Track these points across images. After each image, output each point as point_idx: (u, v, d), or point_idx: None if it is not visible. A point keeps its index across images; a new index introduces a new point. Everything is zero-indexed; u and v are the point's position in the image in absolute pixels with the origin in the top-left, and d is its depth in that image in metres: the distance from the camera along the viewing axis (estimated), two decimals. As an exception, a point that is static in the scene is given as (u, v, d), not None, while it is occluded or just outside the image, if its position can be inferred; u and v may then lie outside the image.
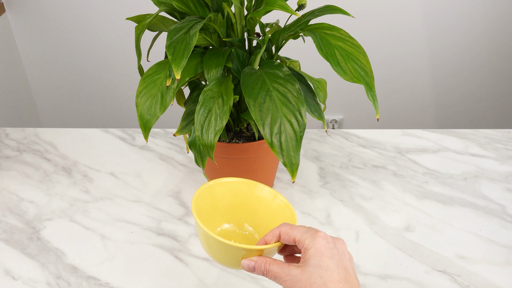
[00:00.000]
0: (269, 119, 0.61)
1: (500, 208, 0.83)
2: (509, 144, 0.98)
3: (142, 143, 0.99)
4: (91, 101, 1.87)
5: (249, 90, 0.62)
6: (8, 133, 1.01)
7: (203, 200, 0.57)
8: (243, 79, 0.64)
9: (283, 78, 0.64)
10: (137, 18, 0.74)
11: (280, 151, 0.60)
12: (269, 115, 0.61)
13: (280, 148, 0.60)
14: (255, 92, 0.62)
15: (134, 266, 0.73)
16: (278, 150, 0.60)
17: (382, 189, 0.87)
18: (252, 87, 0.63)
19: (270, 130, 0.60)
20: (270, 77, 0.64)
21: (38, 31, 1.69)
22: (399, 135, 1.01)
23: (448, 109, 1.89)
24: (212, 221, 0.59)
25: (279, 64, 0.66)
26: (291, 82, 0.63)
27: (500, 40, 1.72)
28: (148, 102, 0.67)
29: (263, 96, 0.62)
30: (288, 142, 0.60)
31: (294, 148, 0.60)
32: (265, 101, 0.62)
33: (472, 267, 0.72)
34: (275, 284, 0.70)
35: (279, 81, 0.63)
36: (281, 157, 0.60)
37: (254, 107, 0.61)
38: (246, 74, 0.65)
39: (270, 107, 0.61)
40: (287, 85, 0.63)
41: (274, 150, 0.60)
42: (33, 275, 0.71)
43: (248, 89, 0.63)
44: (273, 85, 0.63)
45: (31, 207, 0.83)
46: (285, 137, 0.60)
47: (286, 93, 0.62)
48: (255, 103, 0.61)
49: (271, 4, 0.63)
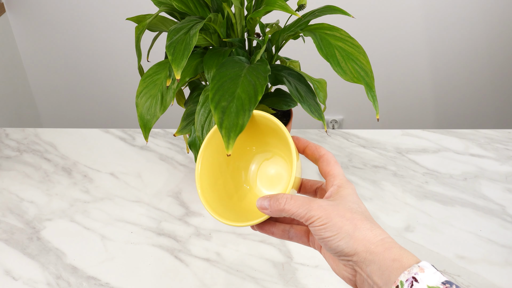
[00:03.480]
0: (223, 93, 0.55)
1: (500, 208, 0.83)
2: (509, 144, 0.98)
3: (142, 143, 0.99)
4: (91, 101, 1.87)
5: (222, 69, 0.58)
6: (8, 133, 1.01)
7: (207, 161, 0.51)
8: (226, 59, 0.62)
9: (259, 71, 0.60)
10: (137, 19, 0.75)
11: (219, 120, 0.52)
12: (226, 91, 0.56)
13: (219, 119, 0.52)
14: (226, 72, 0.58)
15: (134, 266, 0.73)
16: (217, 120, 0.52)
17: (382, 189, 0.87)
18: (228, 68, 0.59)
19: (218, 99, 0.55)
20: (250, 69, 0.61)
21: (38, 31, 1.69)
22: (399, 135, 1.01)
23: (448, 109, 1.89)
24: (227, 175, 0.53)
25: (265, 61, 0.63)
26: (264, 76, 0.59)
27: (500, 40, 1.72)
28: (148, 102, 0.67)
29: (231, 77, 0.58)
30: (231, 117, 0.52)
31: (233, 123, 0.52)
32: (231, 81, 0.57)
33: (472, 267, 0.72)
34: (275, 284, 0.70)
35: (254, 73, 0.60)
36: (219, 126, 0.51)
37: (217, 81, 0.56)
38: (233, 59, 0.63)
39: (230, 86, 0.56)
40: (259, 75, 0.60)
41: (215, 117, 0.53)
42: (33, 275, 0.71)
43: (222, 68, 0.59)
44: (247, 73, 0.60)
45: (31, 207, 0.83)
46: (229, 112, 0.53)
47: (253, 79, 0.58)
48: (220, 80, 0.56)
49: (271, 4, 0.63)
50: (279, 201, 0.44)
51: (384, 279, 0.39)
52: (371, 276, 0.40)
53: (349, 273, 0.43)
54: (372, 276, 0.40)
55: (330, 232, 0.42)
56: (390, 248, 0.41)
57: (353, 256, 0.41)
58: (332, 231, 0.42)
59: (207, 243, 0.77)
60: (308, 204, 0.43)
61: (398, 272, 0.39)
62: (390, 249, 0.41)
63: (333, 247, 0.42)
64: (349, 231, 0.42)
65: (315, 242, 0.48)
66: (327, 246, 0.43)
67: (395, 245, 0.41)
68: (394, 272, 0.39)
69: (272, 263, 0.73)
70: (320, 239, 0.43)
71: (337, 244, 0.42)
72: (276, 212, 0.45)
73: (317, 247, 0.48)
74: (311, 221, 0.43)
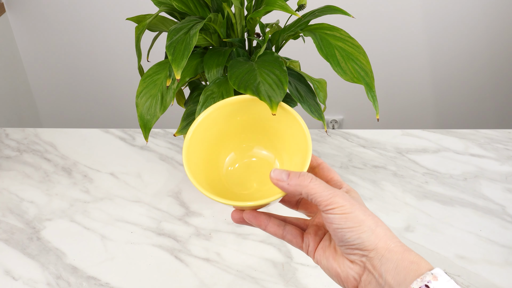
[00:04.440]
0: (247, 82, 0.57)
1: (500, 208, 0.83)
2: (509, 144, 0.98)
3: (142, 143, 0.99)
4: (91, 101, 1.87)
5: (233, 69, 0.60)
6: (8, 133, 1.01)
7: (199, 136, 0.50)
8: (231, 62, 0.63)
9: (271, 62, 0.62)
10: (137, 18, 0.74)
11: (254, 91, 0.54)
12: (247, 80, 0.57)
13: (254, 90, 0.54)
14: (239, 71, 0.60)
15: (134, 266, 0.73)
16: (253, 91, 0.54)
17: (382, 189, 0.87)
18: (238, 67, 0.61)
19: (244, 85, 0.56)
20: (259, 62, 0.63)
21: (38, 31, 1.69)
22: (399, 135, 1.01)
23: (448, 109, 1.89)
24: (216, 154, 0.52)
25: (271, 51, 0.65)
26: (279, 64, 0.61)
27: (500, 40, 1.72)
28: (148, 102, 0.67)
29: (246, 72, 0.59)
30: (268, 90, 0.54)
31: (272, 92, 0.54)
32: (248, 75, 0.58)
33: (472, 267, 0.72)
34: (275, 284, 0.70)
35: (265, 64, 0.62)
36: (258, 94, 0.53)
37: (236, 79, 0.58)
38: (237, 60, 0.64)
39: (250, 77, 0.58)
40: (274, 65, 0.61)
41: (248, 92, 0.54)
42: (33, 275, 0.71)
43: (233, 69, 0.60)
44: (259, 66, 0.61)
45: (31, 207, 0.83)
46: (262, 87, 0.55)
47: (271, 71, 0.60)
48: (237, 77, 0.58)
49: (271, 4, 0.63)
50: (304, 177, 0.42)
51: (398, 280, 0.39)
52: (383, 275, 0.40)
53: (355, 271, 0.42)
54: (385, 275, 0.40)
55: (352, 223, 0.41)
56: (409, 251, 0.40)
57: (371, 252, 0.41)
58: (354, 222, 0.41)
59: (207, 243, 0.77)
60: (333, 189, 0.42)
61: (414, 275, 0.38)
62: (409, 251, 0.40)
63: (353, 238, 0.41)
64: (371, 226, 0.41)
65: (309, 244, 0.46)
66: (345, 237, 0.41)
67: (412, 250, 0.41)
68: (410, 274, 0.38)
69: (272, 263, 0.73)
70: (337, 229, 0.41)
71: (358, 235, 0.41)
72: (295, 187, 0.42)
73: (311, 251, 0.46)
74: (332, 206, 0.41)
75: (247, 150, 0.53)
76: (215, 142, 0.52)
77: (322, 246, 0.45)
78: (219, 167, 0.52)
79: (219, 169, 0.53)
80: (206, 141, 0.51)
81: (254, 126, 0.53)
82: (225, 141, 0.52)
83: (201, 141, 0.50)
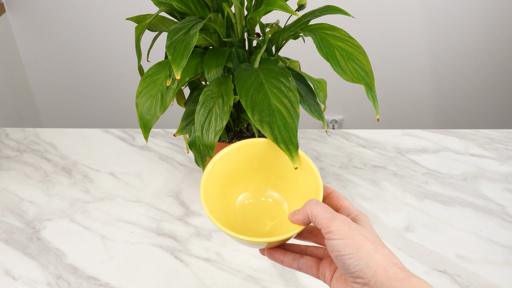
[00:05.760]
0: (260, 107, 0.59)
1: (500, 208, 0.83)
2: (509, 144, 0.98)
3: (142, 143, 0.99)
4: (91, 101, 1.87)
5: (241, 83, 0.62)
6: (8, 133, 1.01)
7: (218, 170, 0.53)
8: (237, 73, 0.63)
9: (277, 72, 0.63)
10: (137, 18, 0.74)
11: (272, 136, 0.56)
12: (261, 104, 0.59)
13: (272, 134, 0.56)
14: (247, 85, 0.61)
15: (134, 266, 0.73)
16: (271, 136, 0.56)
17: (382, 189, 0.87)
18: (245, 80, 0.62)
19: (260, 116, 0.58)
20: (265, 72, 0.64)
21: (38, 31, 1.69)
22: (399, 135, 1.01)
23: (448, 109, 1.89)
24: (230, 191, 0.55)
25: (275, 59, 0.66)
26: (285, 75, 0.62)
27: (500, 40, 1.72)
28: (148, 102, 0.67)
29: (255, 88, 0.61)
30: (281, 131, 0.57)
31: (288, 137, 0.56)
32: (257, 92, 0.60)
33: (472, 267, 0.72)
34: (275, 284, 0.70)
35: (272, 75, 0.63)
36: (276, 141, 0.56)
37: (246, 97, 0.60)
38: (241, 69, 0.65)
39: (262, 98, 0.60)
40: (281, 78, 0.62)
41: (266, 134, 0.56)
42: (33, 275, 0.71)
43: (241, 82, 0.62)
44: (266, 78, 0.62)
45: (31, 207, 0.83)
46: (277, 126, 0.57)
47: (279, 86, 0.61)
48: (247, 94, 0.60)
49: (271, 4, 0.63)
50: (310, 201, 0.45)
51: None
52: None
53: None
54: None
55: (350, 249, 0.41)
56: (409, 277, 0.40)
57: (371, 279, 0.40)
58: (352, 248, 0.41)
59: (207, 243, 0.77)
60: (334, 214, 0.43)
61: None
62: (410, 278, 0.40)
63: (353, 265, 0.41)
64: (370, 251, 0.41)
65: (325, 274, 0.47)
66: (345, 264, 0.41)
67: (414, 275, 0.40)
68: None
69: (272, 263, 0.73)
70: (338, 256, 0.42)
71: (357, 262, 0.41)
72: (304, 216, 0.45)
73: (327, 280, 0.47)
74: (330, 230, 0.42)
75: (260, 190, 0.57)
76: (231, 178, 0.55)
77: (336, 275, 0.46)
78: (231, 202, 0.56)
79: (231, 204, 0.55)
80: (223, 176, 0.54)
81: (269, 169, 0.56)
82: (241, 179, 0.56)
83: (219, 175, 0.53)
